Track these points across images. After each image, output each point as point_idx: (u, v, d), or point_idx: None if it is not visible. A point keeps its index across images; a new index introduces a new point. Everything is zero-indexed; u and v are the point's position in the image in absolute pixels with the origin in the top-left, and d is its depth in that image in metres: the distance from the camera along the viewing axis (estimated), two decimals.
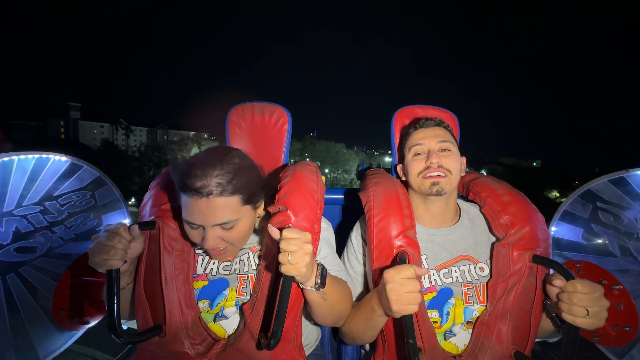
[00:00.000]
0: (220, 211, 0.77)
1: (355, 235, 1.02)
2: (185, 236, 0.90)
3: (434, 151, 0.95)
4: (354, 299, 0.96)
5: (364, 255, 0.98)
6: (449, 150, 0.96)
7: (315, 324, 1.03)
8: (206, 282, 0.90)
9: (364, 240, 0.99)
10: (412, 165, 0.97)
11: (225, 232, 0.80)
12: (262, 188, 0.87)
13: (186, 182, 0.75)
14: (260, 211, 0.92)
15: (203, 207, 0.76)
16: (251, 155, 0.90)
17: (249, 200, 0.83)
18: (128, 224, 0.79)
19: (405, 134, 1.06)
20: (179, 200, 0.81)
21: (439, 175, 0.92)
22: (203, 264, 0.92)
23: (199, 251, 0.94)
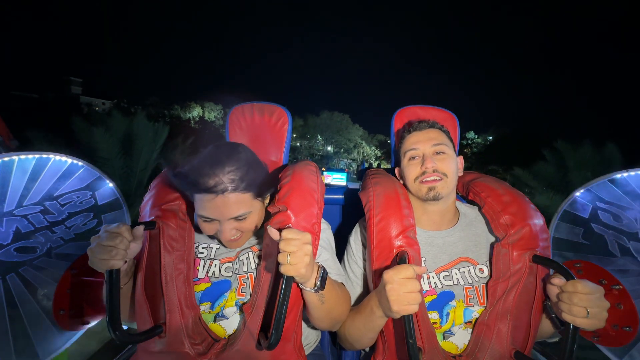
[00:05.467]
0: (235, 205, 0.80)
1: (354, 239, 1.02)
2: (185, 237, 0.90)
3: (428, 155, 0.94)
4: (353, 301, 0.96)
5: (364, 259, 0.98)
6: (443, 152, 0.95)
7: None
8: (209, 285, 0.90)
9: (363, 245, 0.99)
10: (408, 171, 0.97)
11: (239, 223, 0.84)
12: (268, 182, 0.91)
13: (199, 182, 0.76)
14: (267, 201, 0.95)
15: (219, 203, 0.79)
16: None
17: (260, 194, 0.86)
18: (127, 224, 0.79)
19: (400, 138, 1.05)
20: (191, 197, 0.83)
21: (435, 180, 0.92)
22: (205, 267, 0.92)
23: (200, 254, 0.94)
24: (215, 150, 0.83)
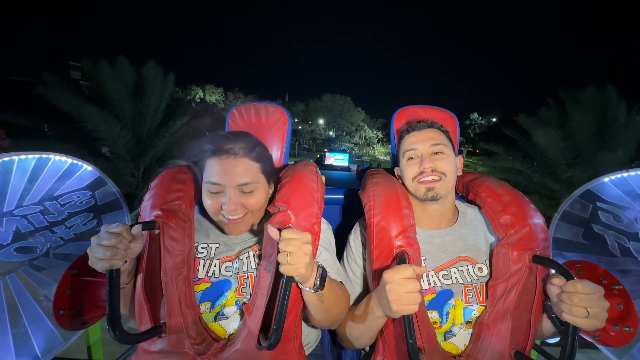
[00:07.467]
0: (244, 170, 0.86)
1: (354, 238, 1.02)
2: (185, 237, 0.90)
3: (427, 155, 0.95)
4: (352, 301, 0.96)
5: (364, 259, 0.98)
6: (442, 152, 0.96)
7: None
8: (209, 284, 0.90)
9: (363, 245, 0.99)
10: (407, 170, 0.98)
11: (244, 197, 0.87)
12: (274, 169, 0.98)
13: (216, 145, 0.87)
14: (271, 191, 0.98)
15: (229, 165, 0.85)
16: None
17: (266, 170, 0.92)
18: (128, 224, 0.79)
19: (399, 138, 1.06)
20: (202, 170, 0.89)
21: (434, 180, 0.92)
22: (205, 268, 0.92)
23: (200, 254, 0.94)
24: (230, 132, 0.95)
